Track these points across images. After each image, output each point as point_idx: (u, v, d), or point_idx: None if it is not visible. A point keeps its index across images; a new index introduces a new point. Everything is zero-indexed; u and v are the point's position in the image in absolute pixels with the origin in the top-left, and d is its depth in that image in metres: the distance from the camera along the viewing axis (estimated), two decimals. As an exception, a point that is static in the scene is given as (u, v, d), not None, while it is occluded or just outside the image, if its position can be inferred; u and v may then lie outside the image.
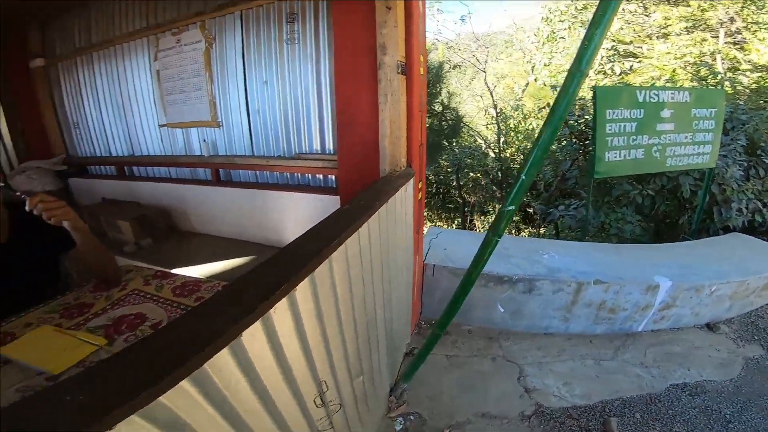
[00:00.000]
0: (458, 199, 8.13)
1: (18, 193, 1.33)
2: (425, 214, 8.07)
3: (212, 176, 3.05)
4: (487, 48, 8.56)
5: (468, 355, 2.23)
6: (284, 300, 0.78)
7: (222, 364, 0.65)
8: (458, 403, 1.91)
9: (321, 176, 2.51)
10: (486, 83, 8.16)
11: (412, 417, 1.82)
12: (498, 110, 7.92)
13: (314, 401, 1.04)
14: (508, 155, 7.71)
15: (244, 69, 2.67)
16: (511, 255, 2.49)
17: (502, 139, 7.72)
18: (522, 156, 7.39)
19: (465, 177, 7.88)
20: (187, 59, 2.93)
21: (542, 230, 6.23)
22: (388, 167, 1.57)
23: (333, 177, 2.43)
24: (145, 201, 3.45)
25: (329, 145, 2.42)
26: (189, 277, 1.45)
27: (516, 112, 7.92)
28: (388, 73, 1.47)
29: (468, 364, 2.16)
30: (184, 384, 0.56)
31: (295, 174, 2.65)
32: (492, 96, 7.97)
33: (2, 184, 3.68)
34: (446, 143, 7.39)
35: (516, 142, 7.79)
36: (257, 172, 2.84)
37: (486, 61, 8.19)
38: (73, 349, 1.04)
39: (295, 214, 2.57)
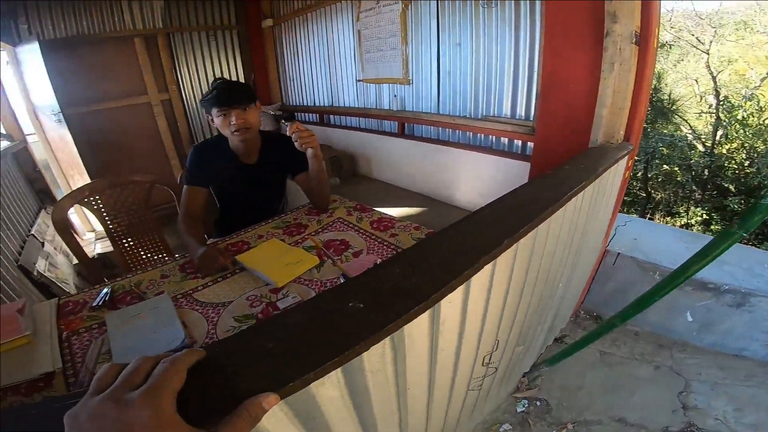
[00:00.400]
0: (640, 193, 6.97)
1: (279, 116, 1.67)
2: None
3: (398, 129, 3.30)
4: (714, 28, 6.87)
5: (626, 357, 2.01)
6: (489, 266, 0.78)
7: (416, 326, 0.66)
8: (594, 400, 1.76)
9: (506, 140, 2.46)
10: (708, 66, 6.60)
11: (538, 402, 1.75)
12: (721, 99, 6.37)
13: (483, 359, 1.08)
14: (724, 151, 6.21)
15: (438, 30, 2.74)
16: (726, 262, 2.06)
17: (720, 132, 6.22)
18: (747, 154, 5.89)
19: (655, 169, 6.67)
20: (384, 20, 3.14)
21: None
22: (600, 138, 1.46)
23: (520, 142, 2.37)
24: (336, 145, 3.99)
25: (521, 109, 2.34)
26: (384, 213, 1.58)
27: (748, 103, 6.23)
28: (618, 41, 1.36)
29: (622, 366, 1.95)
30: (380, 345, 0.59)
31: (479, 135, 2.66)
32: (715, 81, 6.42)
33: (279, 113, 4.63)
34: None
35: (741, 138, 6.19)
36: (440, 129, 2.95)
37: (711, 42, 6.59)
38: (294, 265, 1.20)
39: (473, 174, 2.61)
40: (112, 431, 0.35)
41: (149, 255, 1.79)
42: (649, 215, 6.93)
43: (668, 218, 7.04)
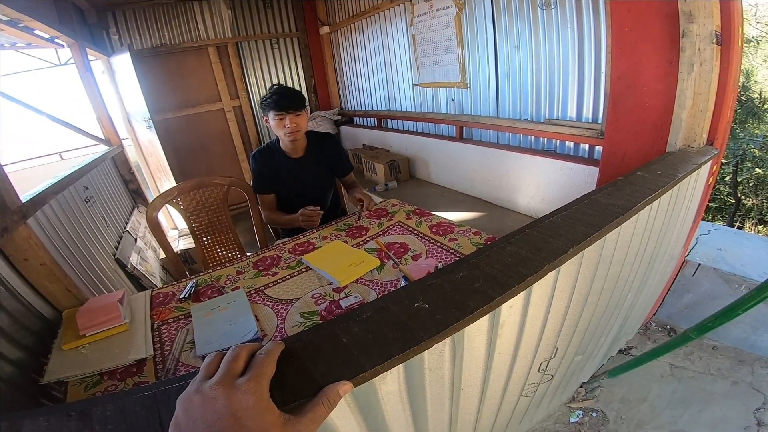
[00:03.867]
0: (729, 198, 6.28)
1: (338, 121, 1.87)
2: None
3: (456, 133, 3.29)
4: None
5: (700, 371, 1.85)
6: (552, 273, 0.78)
7: (476, 328, 0.68)
8: (658, 415, 1.64)
9: (571, 144, 2.37)
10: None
11: (594, 414, 1.67)
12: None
13: (540, 366, 1.07)
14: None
15: (495, 33, 2.70)
16: (833, 274, 1.84)
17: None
18: None
19: (746, 172, 5.98)
20: (439, 24, 3.14)
21: None
22: (680, 142, 1.37)
23: (586, 146, 2.27)
24: (393, 149, 4.06)
25: (587, 112, 2.24)
26: (443, 218, 1.61)
27: None
28: (697, 42, 1.28)
29: (695, 380, 1.80)
30: (441, 344, 0.63)
31: (541, 139, 2.58)
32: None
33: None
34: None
35: None
36: (500, 132, 2.90)
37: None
38: (356, 266, 1.26)
39: (534, 179, 2.54)
40: (222, 412, 0.40)
41: (224, 252, 1.97)
42: (738, 223, 6.23)
43: (760, 227, 6.27)
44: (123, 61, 3.38)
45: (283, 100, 1.62)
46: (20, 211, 1.19)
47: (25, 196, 1.46)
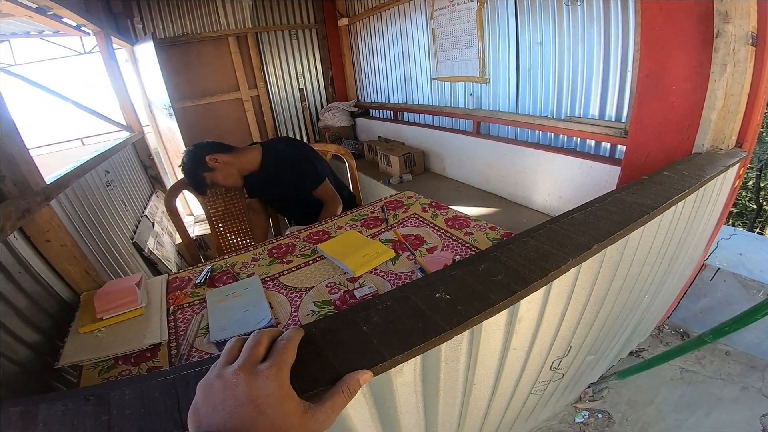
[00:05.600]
0: (750, 204, 6.10)
1: (354, 113, 1.81)
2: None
3: (473, 128, 3.26)
4: None
5: (710, 376, 1.82)
6: (573, 269, 0.76)
7: (494, 322, 0.67)
8: (664, 417, 1.63)
9: (592, 142, 2.33)
10: None
11: (599, 415, 1.66)
12: None
13: (552, 363, 1.06)
14: None
15: (517, 29, 2.66)
16: None
17: None
18: None
19: (770, 177, 5.80)
20: (459, 18, 3.10)
21: None
22: (708, 143, 1.33)
23: (608, 145, 2.23)
24: (409, 142, 4.05)
25: (611, 110, 2.20)
26: (459, 212, 1.59)
27: None
28: (732, 42, 1.24)
29: (704, 384, 1.77)
30: (459, 336, 0.61)
31: (561, 136, 2.54)
32: None
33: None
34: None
35: None
36: (518, 129, 2.87)
37: None
38: (371, 256, 1.25)
39: (552, 176, 2.51)
40: (243, 398, 0.40)
41: (238, 239, 1.99)
42: (758, 229, 6.05)
43: (783, 235, 6.08)
44: (146, 50, 3.43)
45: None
46: (44, 193, 1.20)
47: (49, 178, 1.48)
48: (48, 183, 1.28)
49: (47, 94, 3.02)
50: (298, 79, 5.08)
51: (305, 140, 5.28)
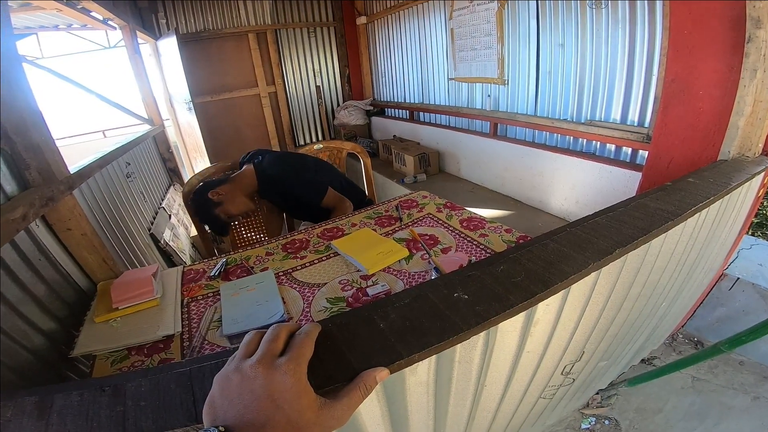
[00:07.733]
0: (772, 213, 5.91)
1: (370, 111, 1.79)
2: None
3: (490, 129, 3.22)
4: None
5: (722, 385, 1.78)
6: (593, 274, 0.74)
7: (510, 324, 0.66)
8: (671, 426, 1.60)
9: (613, 146, 2.28)
10: None
11: (606, 422, 1.64)
12: None
13: (564, 368, 1.04)
14: None
15: (538, 30, 2.62)
16: None
17: None
18: None
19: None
20: (479, 19, 3.07)
21: None
22: (734, 150, 1.29)
23: (629, 150, 2.19)
24: (424, 142, 4.03)
25: (633, 115, 2.15)
26: (474, 213, 1.57)
27: None
28: (763, 48, 1.21)
29: (716, 394, 1.73)
30: (475, 337, 0.61)
31: (580, 140, 2.50)
32: None
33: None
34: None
35: None
36: (536, 131, 2.83)
37: None
38: (384, 255, 1.24)
39: (570, 180, 2.47)
40: (260, 393, 0.39)
41: (252, 234, 2.01)
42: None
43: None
44: (169, 45, 3.48)
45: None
46: (67, 182, 1.22)
47: (73, 168, 1.51)
48: (72, 172, 1.31)
49: (72, 86, 3.09)
50: (315, 76, 5.11)
51: (320, 138, 5.30)
